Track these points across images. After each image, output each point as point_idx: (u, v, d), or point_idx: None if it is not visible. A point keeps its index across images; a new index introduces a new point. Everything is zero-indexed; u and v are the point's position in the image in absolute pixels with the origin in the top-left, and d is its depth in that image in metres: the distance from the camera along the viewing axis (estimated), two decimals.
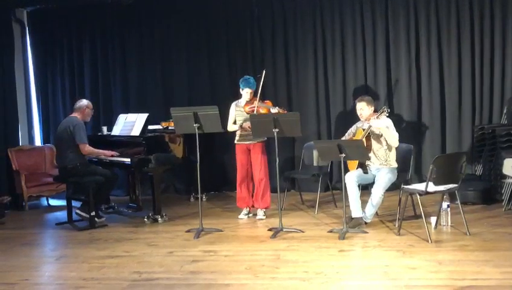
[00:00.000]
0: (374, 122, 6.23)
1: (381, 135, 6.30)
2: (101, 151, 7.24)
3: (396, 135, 6.31)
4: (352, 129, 6.73)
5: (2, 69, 8.73)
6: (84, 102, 7.33)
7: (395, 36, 8.37)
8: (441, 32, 8.23)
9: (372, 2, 8.42)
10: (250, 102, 6.88)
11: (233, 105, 7.06)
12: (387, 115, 6.26)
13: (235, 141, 7.07)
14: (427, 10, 8.23)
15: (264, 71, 6.95)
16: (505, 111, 7.79)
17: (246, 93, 6.93)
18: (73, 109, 7.35)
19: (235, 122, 7.03)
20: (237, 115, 6.98)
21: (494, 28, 8.02)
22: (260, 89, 6.81)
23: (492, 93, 8.07)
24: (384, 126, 6.23)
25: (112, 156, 7.28)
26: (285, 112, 6.76)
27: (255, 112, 6.70)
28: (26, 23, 9.55)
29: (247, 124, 6.77)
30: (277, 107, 6.79)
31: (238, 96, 7.19)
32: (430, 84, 8.30)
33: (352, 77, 8.57)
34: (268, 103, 6.93)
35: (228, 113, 7.06)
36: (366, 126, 6.37)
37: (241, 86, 6.96)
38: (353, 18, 8.52)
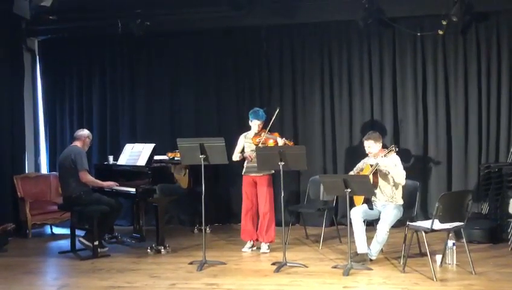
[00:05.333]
0: (381, 161, 6.23)
1: (388, 173, 6.30)
2: (99, 182, 7.24)
3: (404, 173, 6.31)
4: (360, 165, 6.72)
5: (11, 96, 8.79)
6: (86, 132, 7.42)
7: (402, 73, 8.45)
8: (447, 70, 8.30)
9: (380, 39, 8.52)
10: (258, 134, 6.92)
11: (242, 136, 7.10)
12: (397, 151, 6.28)
13: (242, 173, 7.07)
14: (434, 48, 8.31)
15: (278, 108, 7.06)
16: (511, 150, 7.78)
17: (254, 125, 6.97)
18: (73, 138, 7.42)
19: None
20: (246, 146, 7.00)
21: (500, 67, 8.08)
22: (271, 123, 6.86)
23: (498, 132, 8.09)
24: (393, 164, 6.24)
25: (109, 187, 7.28)
26: (292, 143, 6.81)
27: (261, 144, 6.74)
28: (36, 52, 9.67)
29: (251, 154, 6.79)
30: (284, 139, 6.82)
31: (244, 129, 7.23)
32: (437, 122, 8.33)
33: (359, 112, 8.62)
34: (275, 134, 6.96)
35: (235, 144, 7.08)
36: (373, 162, 6.36)
37: (250, 117, 7.01)
38: (360, 55, 8.60)
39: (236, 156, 7.04)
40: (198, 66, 9.12)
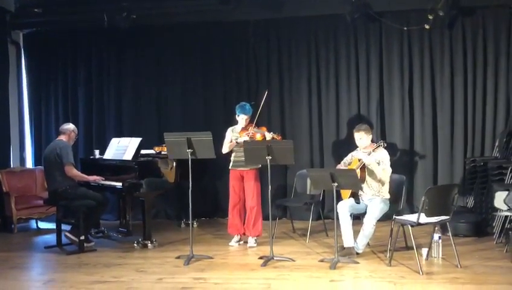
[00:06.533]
0: (367, 159, 6.26)
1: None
2: (85, 176, 7.20)
3: (389, 170, 6.34)
4: (348, 158, 6.74)
5: None
6: (71, 126, 7.35)
7: (389, 67, 8.47)
8: (434, 64, 8.33)
9: (367, 34, 8.52)
10: (245, 128, 6.91)
11: (229, 130, 7.08)
12: (385, 146, 6.31)
13: (229, 167, 7.06)
14: (421, 42, 8.33)
15: (266, 91, 7.05)
16: (496, 144, 7.83)
17: (241, 119, 6.96)
18: (59, 132, 7.36)
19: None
20: (234, 140, 6.98)
21: (486, 61, 8.13)
22: (259, 110, 6.86)
23: (484, 126, 8.15)
24: (375, 162, 6.26)
25: (95, 181, 7.24)
26: (280, 136, 6.80)
27: (248, 138, 6.73)
28: (21, 45, 9.57)
29: (242, 140, 6.79)
30: (272, 133, 6.81)
31: (231, 123, 7.22)
32: (423, 116, 8.37)
33: (345, 106, 8.63)
34: (263, 128, 6.95)
35: (222, 139, 7.05)
36: (361, 156, 6.38)
37: (237, 112, 6.99)
38: (347, 49, 8.60)
39: (226, 148, 7.01)
40: (185, 60, 9.07)
